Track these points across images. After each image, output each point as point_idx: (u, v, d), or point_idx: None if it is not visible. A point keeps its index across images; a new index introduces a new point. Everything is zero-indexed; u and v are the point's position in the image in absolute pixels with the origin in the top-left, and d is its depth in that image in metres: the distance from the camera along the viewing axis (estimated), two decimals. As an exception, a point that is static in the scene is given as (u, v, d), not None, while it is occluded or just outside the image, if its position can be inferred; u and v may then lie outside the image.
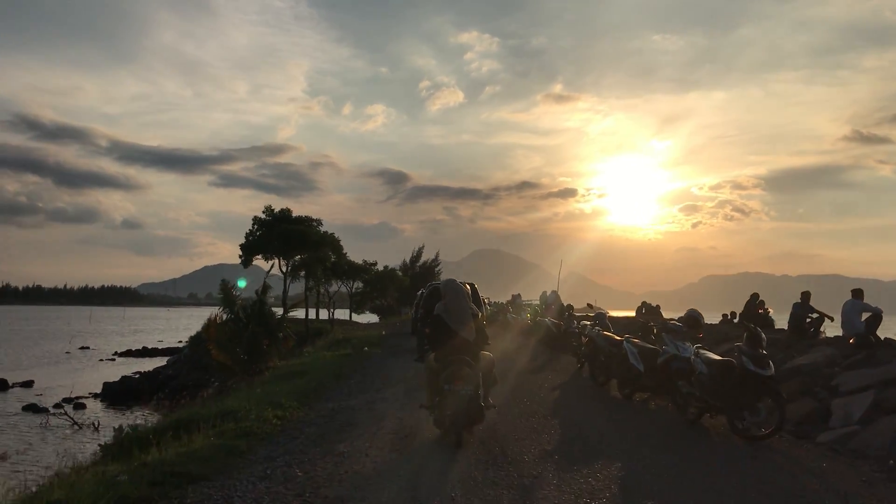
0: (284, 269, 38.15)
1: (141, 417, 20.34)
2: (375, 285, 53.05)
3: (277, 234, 36.32)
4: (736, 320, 19.14)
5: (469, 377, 6.82)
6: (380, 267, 54.10)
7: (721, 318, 22.13)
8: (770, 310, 18.09)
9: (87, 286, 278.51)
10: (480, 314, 7.64)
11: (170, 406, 19.13)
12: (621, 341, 10.99)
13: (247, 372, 17.16)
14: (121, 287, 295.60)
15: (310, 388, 11.37)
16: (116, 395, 27.02)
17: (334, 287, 48.68)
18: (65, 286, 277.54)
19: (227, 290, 18.97)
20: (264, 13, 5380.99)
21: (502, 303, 36.56)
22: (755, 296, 17.65)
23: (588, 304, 21.45)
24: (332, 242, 41.89)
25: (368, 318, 56.90)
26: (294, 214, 39.40)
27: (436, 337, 7.21)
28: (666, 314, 24.38)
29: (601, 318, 13.40)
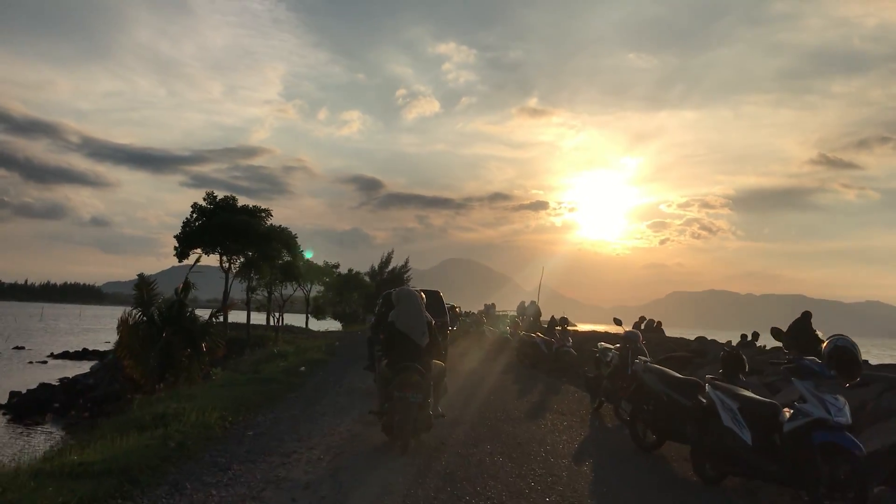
0: (227, 265, 33.80)
1: (44, 438, 17.80)
2: (338, 290, 50.10)
3: (216, 224, 31.63)
4: (780, 344, 13.07)
5: (419, 385, 6.96)
6: (343, 270, 51.62)
7: (740, 339, 19.38)
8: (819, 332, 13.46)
9: (48, 282, 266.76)
10: (434, 322, 7.66)
11: (90, 421, 16.85)
12: (695, 384, 7.28)
13: (157, 387, 14.70)
14: (83, 284, 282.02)
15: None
16: (25, 406, 22.82)
17: (289, 290, 44.96)
18: (25, 281, 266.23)
19: (144, 283, 15.92)
20: (242, 15, 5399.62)
21: (475, 313, 33.77)
22: (808, 314, 13.41)
23: (553, 318, 19.46)
24: (283, 238, 37.50)
25: (329, 324, 53.88)
26: (241, 204, 34.59)
27: (389, 343, 7.34)
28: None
29: (633, 341, 9.66)
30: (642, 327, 21.86)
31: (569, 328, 17.49)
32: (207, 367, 16.10)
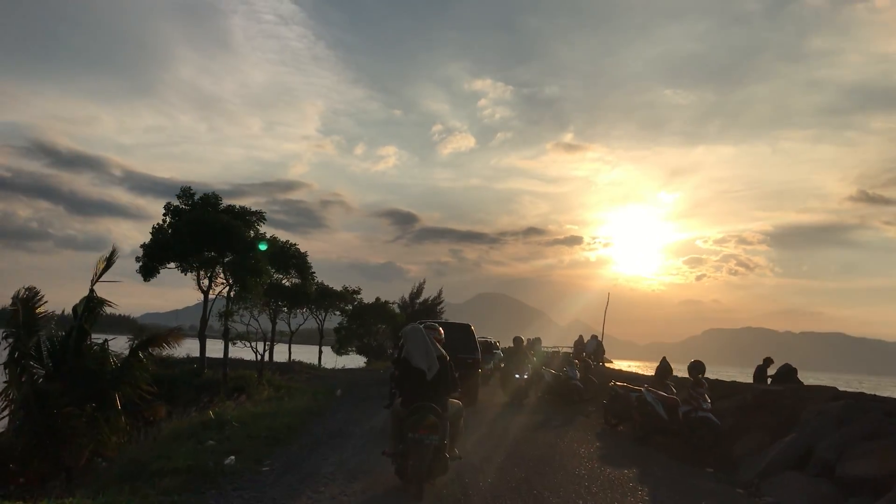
0: (205, 282, 24.95)
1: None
2: (360, 319, 43.89)
3: (186, 223, 23.30)
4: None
5: (435, 426, 6.47)
6: (370, 299, 44.74)
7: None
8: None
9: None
10: (447, 357, 7.08)
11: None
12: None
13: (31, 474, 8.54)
14: (119, 315, 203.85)
15: None
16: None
17: (299, 318, 39.12)
18: (62, 312, 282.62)
19: (25, 301, 9.72)
20: (282, 52, 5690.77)
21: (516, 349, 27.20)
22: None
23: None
24: (289, 256, 31.45)
25: (351, 360, 46.04)
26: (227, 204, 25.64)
27: (403, 380, 7.00)
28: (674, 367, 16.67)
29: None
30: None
31: (701, 379, 10.98)
32: (123, 438, 9.83)
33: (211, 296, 25.32)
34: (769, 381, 15.01)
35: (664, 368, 12.54)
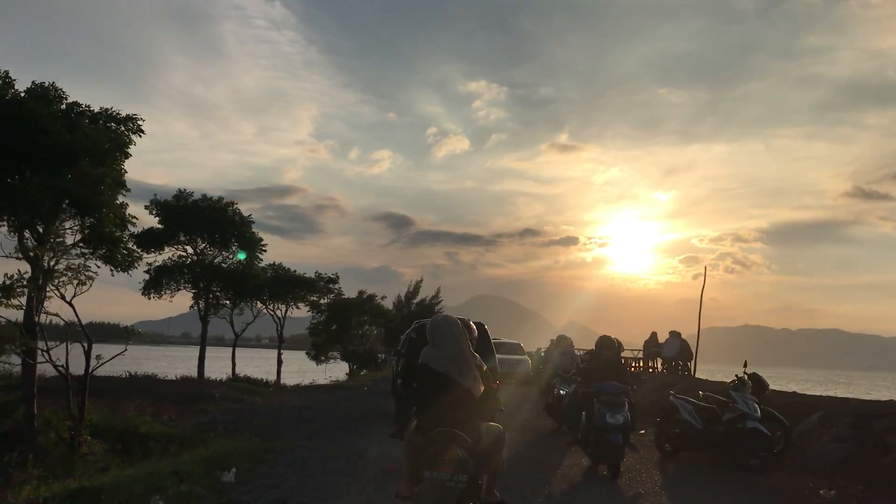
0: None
1: None
2: (341, 318, 35.42)
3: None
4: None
5: (462, 462, 4.37)
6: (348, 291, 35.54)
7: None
8: None
9: (71, 322, 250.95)
10: (486, 367, 5.04)
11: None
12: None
13: None
14: (108, 324, 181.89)
15: None
16: None
17: (248, 316, 29.22)
18: (49, 321, 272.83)
19: None
20: (274, 58, 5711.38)
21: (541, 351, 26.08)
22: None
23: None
24: (225, 221, 24.17)
25: (332, 370, 38.83)
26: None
27: (424, 395, 4.74)
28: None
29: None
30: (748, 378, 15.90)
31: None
32: None
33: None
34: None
35: (754, 380, 9.93)
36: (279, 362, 29.63)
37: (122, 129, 15.14)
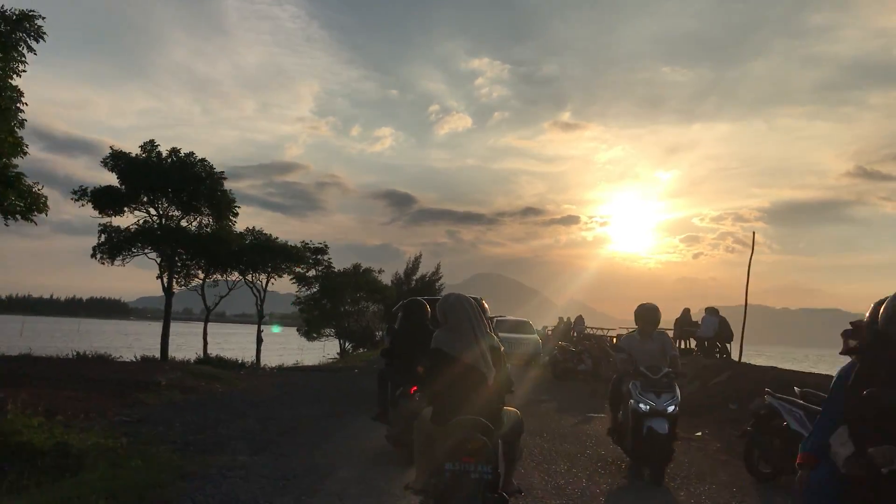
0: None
1: None
2: (332, 292, 32.69)
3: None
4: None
5: (485, 450, 4.03)
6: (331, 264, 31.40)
7: None
8: None
9: (73, 297, 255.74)
10: (501, 346, 4.69)
11: None
12: None
13: None
14: (109, 299, 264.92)
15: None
16: None
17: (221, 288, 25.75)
18: (51, 296, 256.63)
19: None
20: (276, 34, 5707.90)
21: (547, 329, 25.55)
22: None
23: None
24: (194, 178, 20.92)
25: (321, 349, 37.24)
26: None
27: (439, 381, 4.38)
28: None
29: None
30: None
31: None
32: None
33: None
34: None
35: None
36: (258, 340, 26.90)
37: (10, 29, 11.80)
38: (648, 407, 6.74)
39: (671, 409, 6.77)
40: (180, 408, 10.46)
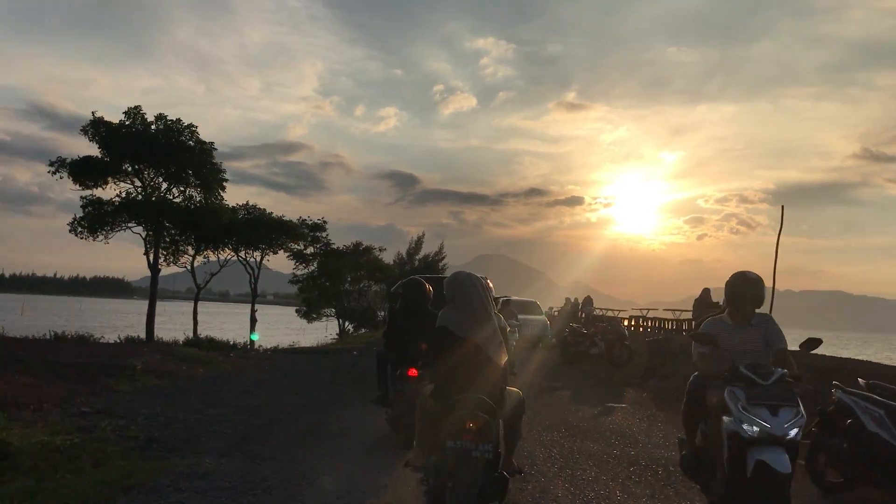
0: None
1: None
2: (331, 271, 31.54)
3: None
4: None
5: (487, 428, 3.99)
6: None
7: None
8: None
9: (76, 276, 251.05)
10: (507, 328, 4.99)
11: None
12: None
13: None
14: (112, 278, 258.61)
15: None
16: None
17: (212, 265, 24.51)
18: (55, 275, 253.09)
19: None
20: (280, 12, 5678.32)
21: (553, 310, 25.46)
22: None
23: None
24: (175, 147, 19.57)
25: (323, 330, 35.49)
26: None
27: (443, 359, 4.28)
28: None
29: None
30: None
31: None
32: None
33: None
34: None
35: None
36: (252, 321, 25.42)
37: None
38: (758, 429, 4.22)
39: (793, 433, 4.25)
40: (152, 396, 9.29)
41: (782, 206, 16.46)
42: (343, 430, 7.67)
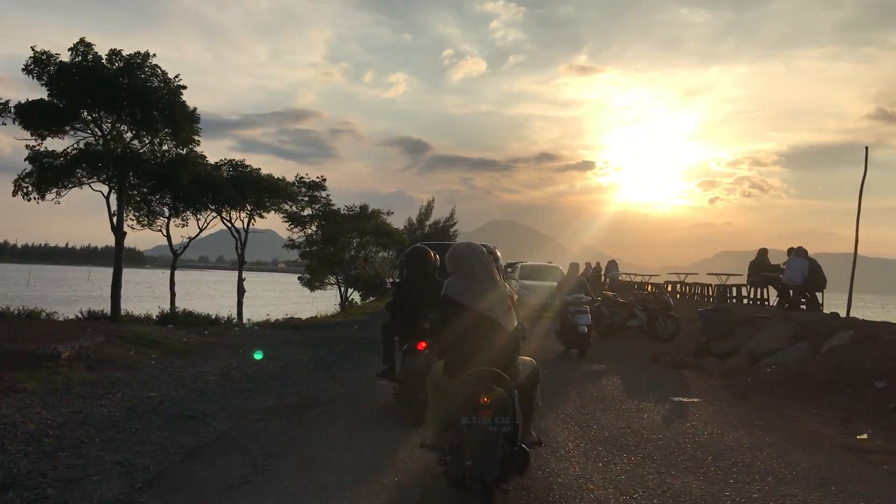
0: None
1: None
2: (330, 232, 28.87)
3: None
4: None
5: (503, 402, 3.83)
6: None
7: None
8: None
9: (88, 245, 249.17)
10: (516, 296, 4.69)
11: None
12: None
13: None
14: (126, 248, 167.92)
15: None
16: None
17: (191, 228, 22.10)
18: (66, 245, 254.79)
19: None
20: None
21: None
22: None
23: None
24: (144, 92, 16.83)
25: (322, 299, 34.05)
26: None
27: (451, 331, 4.22)
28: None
29: None
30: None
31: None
32: None
33: None
34: None
35: None
36: (240, 292, 23.17)
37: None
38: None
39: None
40: (62, 401, 6.63)
41: (866, 148, 13.79)
42: (319, 459, 5.11)
